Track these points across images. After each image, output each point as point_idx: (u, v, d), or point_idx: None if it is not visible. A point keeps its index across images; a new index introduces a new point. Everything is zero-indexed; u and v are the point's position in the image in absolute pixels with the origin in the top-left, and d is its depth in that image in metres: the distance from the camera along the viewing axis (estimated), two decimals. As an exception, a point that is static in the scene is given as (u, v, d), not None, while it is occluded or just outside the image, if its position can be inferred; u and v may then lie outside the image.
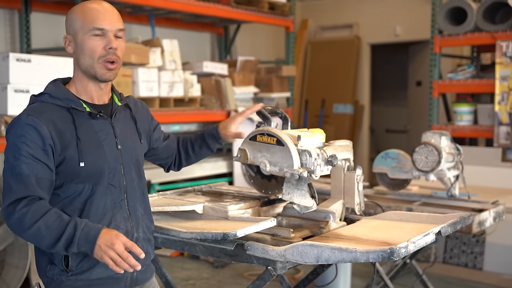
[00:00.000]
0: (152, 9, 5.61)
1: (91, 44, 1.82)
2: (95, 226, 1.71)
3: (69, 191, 1.81)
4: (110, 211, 1.86)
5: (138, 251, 1.69)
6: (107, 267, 1.80)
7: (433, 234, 2.10)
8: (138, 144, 2.01)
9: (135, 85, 4.84)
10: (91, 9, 1.85)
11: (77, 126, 1.82)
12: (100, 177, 1.83)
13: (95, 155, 1.83)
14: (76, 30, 1.84)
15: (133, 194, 1.93)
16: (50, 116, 1.79)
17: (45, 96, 1.85)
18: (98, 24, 1.82)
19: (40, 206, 1.70)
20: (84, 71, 1.86)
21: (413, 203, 3.56)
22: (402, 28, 7.58)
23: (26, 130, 1.74)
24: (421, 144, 3.40)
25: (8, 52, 4.00)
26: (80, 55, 1.85)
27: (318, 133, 2.46)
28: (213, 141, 2.32)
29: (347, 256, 1.91)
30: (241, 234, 2.01)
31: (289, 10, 6.34)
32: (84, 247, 1.68)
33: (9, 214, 1.70)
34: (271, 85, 6.17)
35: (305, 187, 2.26)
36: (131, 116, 2.02)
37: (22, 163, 1.72)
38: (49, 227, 1.67)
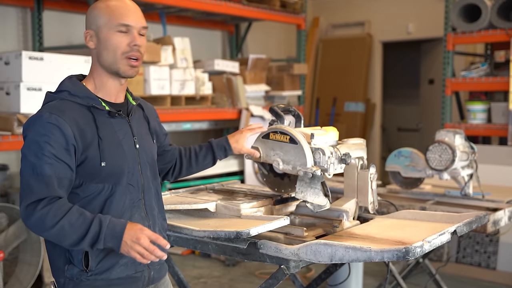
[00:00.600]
0: (164, 7, 5.60)
1: (116, 40, 1.81)
2: (120, 222, 1.71)
3: (88, 191, 1.80)
4: (129, 211, 1.85)
5: (163, 242, 1.71)
6: (126, 266, 1.84)
7: (449, 234, 2.07)
8: (152, 143, 2.01)
9: (147, 83, 4.84)
10: (117, 5, 1.83)
11: (98, 126, 1.81)
12: (120, 176, 1.83)
13: (116, 155, 1.83)
14: (100, 25, 1.83)
15: (149, 193, 1.93)
16: (72, 115, 1.77)
17: (64, 93, 1.83)
18: (124, 20, 1.81)
19: (61, 205, 1.69)
20: (105, 67, 1.85)
21: (426, 202, 3.53)
22: (414, 26, 7.53)
23: (49, 129, 1.72)
24: (435, 143, 3.37)
25: (21, 50, 4.01)
26: (103, 51, 1.83)
27: (332, 131, 2.44)
28: (221, 153, 2.32)
29: (362, 255, 1.89)
30: (254, 233, 2.00)
31: (300, 8, 6.31)
32: (110, 243, 1.69)
33: (28, 214, 1.69)
34: (282, 83, 6.15)
35: (319, 186, 2.25)
36: (143, 116, 2.02)
37: (45, 163, 1.70)
38: (72, 225, 1.67)
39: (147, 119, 2.03)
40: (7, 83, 4.08)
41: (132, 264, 1.85)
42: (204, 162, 2.31)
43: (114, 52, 1.82)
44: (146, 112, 2.04)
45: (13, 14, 5.04)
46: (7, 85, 4.08)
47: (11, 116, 3.90)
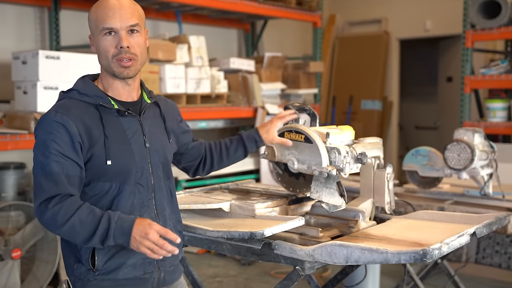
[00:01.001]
0: (179, 6, 5.60)
1: (104, 44, 1.81)
2: (129, 218, 1.70)
3: (96, 189, 1.79)
4: (138, 211, 1.83)
5: (173, 237, 1.68)
6: (134, 267, 1.82)
7: (468, 235, 2.03)
8: (167, 143, 1.98)
9: (162, 81, 4.84)
10: (102, 7, 1.82)
11: (104, 124, 1.80)
12: (127, 175, 1.81)
13: (123, 153, 1.81)
14: (92, 31, 1.85)
15: (160, 193, 1.90)
16: (78, 113, 1.77)
17: (74, 92, 1.84)
18: (107, 23, 1.79)
19: (72, 202, 1.70)
20: (104, 70, 1.87)
21: (444, 202, 3.48)
22: (432, 23, 7.43)
23: (55, 127, 1.73)
24: (453, 142, 3.31)
25: (38, 50, 4.03)
26: (98, 55, 1.85)
27: (347, 130, 2.40)
28: (252, 145, 2.27)
29: (378, 257, 1.86)
30: (268, 234, 1.98)
31: (316, 5, 6.27)
32: (120, 239, 1.68)
33: (41, 212, 1.70)
34: (298, 81, 6.12)
35: (334, 186, 2.22)
36: (160, 115, 1.99)
37: (52, 161, 1.71)
38: (82, 222, 1.67)
39: (164, 117, 2.00)
40: (25, 82, 4.11)
41: (141, 264, 1.83)
42: (236, 155, 2.27)
43: (106, 56, 1.82)
44: (163, 111, 2.01)
45: (30, 14, 5.07)
46: (25, 84, 4.11)
47: (28, 115, 3.93)
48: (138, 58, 1.84)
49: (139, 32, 1.84)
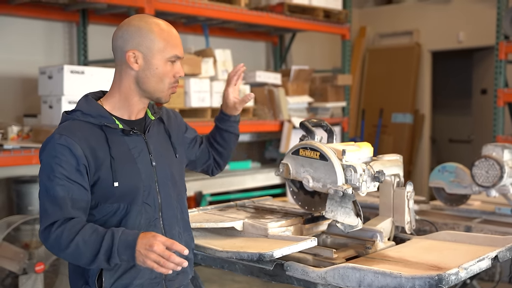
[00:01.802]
0: (206, 19, 5.61)
1: (167, 69, 1.80)
2: (132, 232, 1.65)
3: (104, 211, 1.76)
4: (144, 230, 1.78)
5: (180, 248, 1.61)
6: (142, 287, 1.77)
7: (489, 260, 1.92)
8: (174, 159, 1.94)
9: (187, 95, 4.84)
10: (172, 34, 1.82)
11: (110, 145, 1.77)
12: (135, 196, 1.78)
13: (130, 174, 1.77)
14: (153, 50, 1.78)
15: (169, 212, 1.86)
16: (83, 135, 1.74)
17: (77, 113, 1.80)
18: (178, 52, 1.81)
19: (75, 223, 1.66)
20: (146, 91, 1.82)
21: (472, 220, 3.35)
22: (465, 34, 7.26)
23: (60, 150, 1.70)
24: (481, 158, 3.19)
25: (63, 65, 4.08)
26: (150, 77, 1.79)
27: (365, 147, 2.33)
28: (226, 124, 2.18)
29: (391, 281, 1.78)
30: (278, 255, 1.92)
31: (345, 17, 6.19)
32: (124, 255, 1.62)
33: (45, 237, 1.67)
34: (326, 94, 6.04)
35: (350, 205, 2.14)
36: (164, 130, 1.96)
37: (57, 185, 1.68)
38: (86, 242, 1.63)
39: (169, 133, 1.97)
40: (50, 96, 4.16)
41: (149, 285, 1.79)
42: (224, 140, 2.20)
43: (162, 80, 1.80)
44: (167, 126, 1.98)
45: (59, 29, 5.16)
46: (50, 99, 4.16)
47: (52, 129, 3.96)
48: None
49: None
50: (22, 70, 4.83)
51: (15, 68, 4.81)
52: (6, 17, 4.75)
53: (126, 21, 1.84)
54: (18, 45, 4.83)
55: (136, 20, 1.82)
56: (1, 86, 4.72)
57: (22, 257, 3.80)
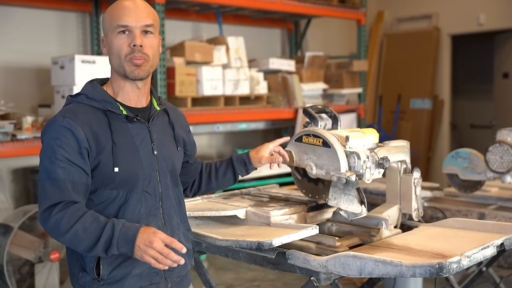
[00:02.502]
0: (219, 7, 5.56)
1: (117, 42, 1.77)
2: (133, 226, 1.64)
3: (103, 197, 1.75)
4: (144, 219, 1.78)
5: (178, 246, 1.61)
6: (140, 277, 1.77)
7: (494, 247, 1.87)
8: (175, 151, 1.93)
9: (199, 83, 4.82)
10: (118, 6, 1.79)
11: (112, 130, 1.75)
12: (134, 183, 1.77)
13: (130, 161, 1.76)
14: (106, 30, 1.82)
15: (168, 202, 1.85)
16: (86, 118, 1.73)
17: (82, 96, 1.80)
18: (122, 21, 1.76)
19: (76, 209, 1.65)
20: (116, 71, 1.82)
21: (487, 206, 3.28)
22: (486, 17, 7.08)
23: (62, 132, 1.69)
24: (495, 143, 3.12)
25: (74, 54, 4.09)
26: (110, 55, 1.81)
27: (370, 133, 2.28)
28: (241, 166, 2.18)
29: (392, 270, 1.74)
30: (277, 243, 1.89)
31: (360, 2, 6.09)
32: (123, 248, 1.62)
33: (45, 219, 1.66)
34: (341, 81, 5.96)
35: (353, 192, 2.10)
36: (169, 122, 1.95)
37: (58, 167, 1.66)
38: (86, 229, 1.62)
39: (172, 125, 1.95)
40: (63, 86, 4.18)
41: (148, 275, 1.78)
42: (225, 177, 2.19)
43: (118, 55, 1.78)
44: (171, 118, 1.96)
45: (73, 19, 5.17)
46: (63, 89, 4.18)
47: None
48: (150, 59, 1.81)
49: (153, 34, 1.82)
50: (37, 60, 4.86)
51: (30, 59, 4.84)
52: (20, 8, 4.78)
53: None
54: (32, 36, 4.86)
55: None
56: (16, 77, 4.76)
57: (37, 246, 3.85)
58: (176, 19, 5.72)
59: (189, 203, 2.40)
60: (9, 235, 3.71)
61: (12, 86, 4.72)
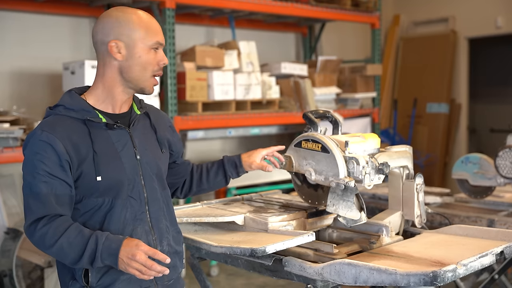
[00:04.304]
0: (232, 11, 5.57)
1: (150, 57, 1.79)
2: (116, 239, 1.65)
3: (88, 206, 1.76)
4: (131, 224, 1.78)
5: (162, 257, 1.63)
6: (129, 282, 1.78)
7: (493, 255, 1.82)
8: (159, 154, 1.92)
9: (210, 88, 4.82)
10: (152, 22, 1.81)
11: (93, 139, 1.75)
12: (119, 190, 1.77)
13: (112, 168, 1.76)
14: (135, 39, 1.77)
15: (156, 205, 1.85)
16: (64, 130, 1.72)
17: (60, 108, 1.78)
18: (159, 38, 1.80)
19: (61, 223, 1.66)
20: (130, 81, 1.80)
21: (498, 213, 3.20)
22: (504, 19, 6.97)
23: (41, 147, 1.69)
24: (505, 148, 3.05)
25: (84, 60, 4.12)
26: (133, 66, 1.79)
27: (371, 138, 2.24)
28: (232, 169, 2.18)
29: (386, 278, 1.70)
30: (270, 250, 1.86)
31: (374, 6, 6.04)
32: (107, 261, 1.64)
33: (30, 233, 1.68)
34: (355, 85, 5.91)
35: (352, 198, 2.06)
36: (150, 125, 1.94)
37: (40, 182, 1.67)
38: (71, 243, 1.64)
39: (155, 128, 1.94)
40: (73, 92, 4.20)
41: (137, 279, 1.77)
42: (216, 179, 2.19)
43: (145, 69, 1.79)
44: (153, 121, 1.95)
45: (85, 24, 5.22)
46: (73, 94, 4.20)
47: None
48: None
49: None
50: (50, 66, 4.91)
51: (43, 65, 4.89)
52: (33, 15, 4.84)
53: (103, 15, 1.83)
54: (45, 42, 4.92)
55: (113, 12, 1.81)
56: (30, 83, 4.82)
57: (47, 250, 3.88)
58: (189, 24, 5.73)
59: (188, 209, 2.39)
60: (18, 240, 3.74)
61: (25, 91, 4.78)
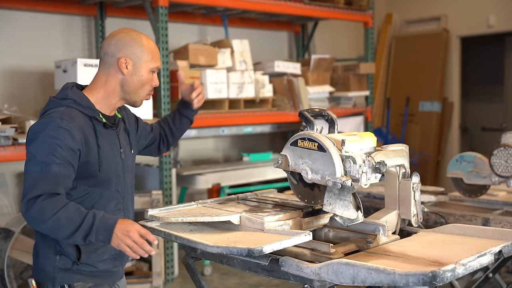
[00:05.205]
0: (225, 10, 5.55)
1: (149, 78, 2.08)
2: (112, 217, 1.85)
3: (80, 193, 1.97)
4: (112, 214, 2.02)
5: (151, 237, 1.82)
6: (111, 261, 2.07)
7: (491, 255, 1.81)
8: (131, 154, 2.20)
9: (203, 87, 4.77)
10: (156, 48, 2.10)
11: (97, 135, 2.00)
12: (109, 182, 2.03)
13: (109, 163, 2.02)
14: (142, 60, 2.05)
15: (128, 199, 2.15)
16: (79, 122, 1.95)
17: (70, 101, 1.99)
18: (159, 64, 2.11)
19: (60, 199, 1.83)
20: (126, 93, 2.07)
21: (493, 211, 3.21)
22: (496, 18, 7.00)
23: (61, 133, 1.88)
24: (500, 147, 3.05)
25: (76, 58, 4.08)
26: (135, 81, 2.06)
27: (368, 137, 2.23)
28: (185, 109, 2.47)
29: (385, 278, 1.69)
30: (268, 250, 1.84)
31: (367, 4, 6.04)
32: (102, 236, 1.81)
33: (28, 207, 1.81)
34: (348, 83, 5.91)
35: (349, 197, 2.05)
36: (125, 129, 2.20)
37: (54, 163, 1.84)
38: (68, 217, 1.80)
39: (128, 131, 2.21)
40: (65, 90, 4.17)
41: (111, 260, 2.09)
42: (182, 123, 2.47)
43: (143, 86, 2.07)
44: (127, 125, 2.22)
45: (78, 22, 5.18)
46: (65, 93, 4.17)
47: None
48: None
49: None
50: (42, 64, 4.87)
51: (35, 63, 4.85)
52: (25, 12, 4.79)
53: (117, 32, 2.09)
54: (37, 40, 4.87)
55: (128, 33, 2.08)
56: (21, 81, 4.77)
57: (39, 250, 3.84)
58: (182, 22, 5.71)
59: (184, 208, 2.36)
60: (10, 240, 3.70)
61: (17, 90, 4.74)
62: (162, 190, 4.49)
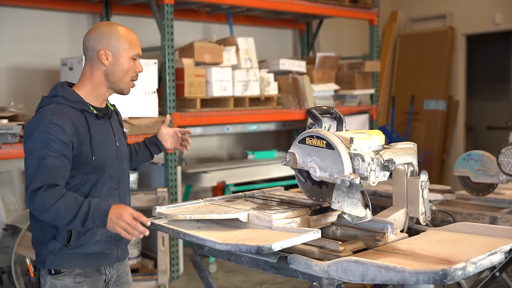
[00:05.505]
0: (230, 7, 5.54)
1: (130, 65, 2.18)
2: (106, 203, 1.99)
3: (77, 180, 2.10)
4: (105, 198, 2.14)
5: (144, 219, 1.96)
6: (101, 244, 2.16)
7: (502, 253, 1.80)
8: (125, 143, 2.35)
9: (208, 84, 4.79)
10: (132, 35, 2.20)
11: (89, 126, 2.12)
12: (104, 169, 2.15)
13: (102, 151, 2.15)
14: (120, 50, 2.15)
15: (124, 183, 2.27)
16: (69, 116, 2.06)
17: (59, 98, 2.11)
18: (139, 51, 2.21)
19: (59, 190, 1.97)
20: (111, 83, 2.18)
21: (500, 210, 3.20)
22: (502, 16, 6.97)
23: (53, 128, 2.01)
24: (508, 145, 3.04)
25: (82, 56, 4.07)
26: (117, 71, 2.16)
27: (376, 135, 2.22)
28: (155, 146, 2.53)
29: (395, 276, 1.68)
30: (277, 248, 1.84)
31: (372, 2, 6.02)
32: (98, 221, 1.95)
33: (31, 198, 1.96)
34: (353, 81, 5.90)
35: (357, 195, 2.05)
36: (118, 121, 2.34)
37: (49, 157, 1.98)
38: (67, 205, 1.94)
39: (121, 123, 2.36)
40: (71, 88, 4.17)
41: (104, 242, 2.16)
42: (143, 156, 2.54)
43: (126, 74, 2.18)
44: (120, 117, 2.37)
45: (83, 20, 5.18)
46: (71, 90, 4.17)
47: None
48: None
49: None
50: (48, 62, 4.87)
51: (41, 60, 4.86)
52: (31, 10, 4.79)
53: (95, 27, 2.20)
54: (43, 38, 4.88)
55: (105, 26, 2.19)
56: (28, 78, 4.78)
57: (45, 248, 3.85)
58: (187, 20, 5.70)
59: (191, 206, 2.36)
60: (17, 236, 3.71)
61: (23, 87, 4.74)
62: (168, 188, 4.49)
